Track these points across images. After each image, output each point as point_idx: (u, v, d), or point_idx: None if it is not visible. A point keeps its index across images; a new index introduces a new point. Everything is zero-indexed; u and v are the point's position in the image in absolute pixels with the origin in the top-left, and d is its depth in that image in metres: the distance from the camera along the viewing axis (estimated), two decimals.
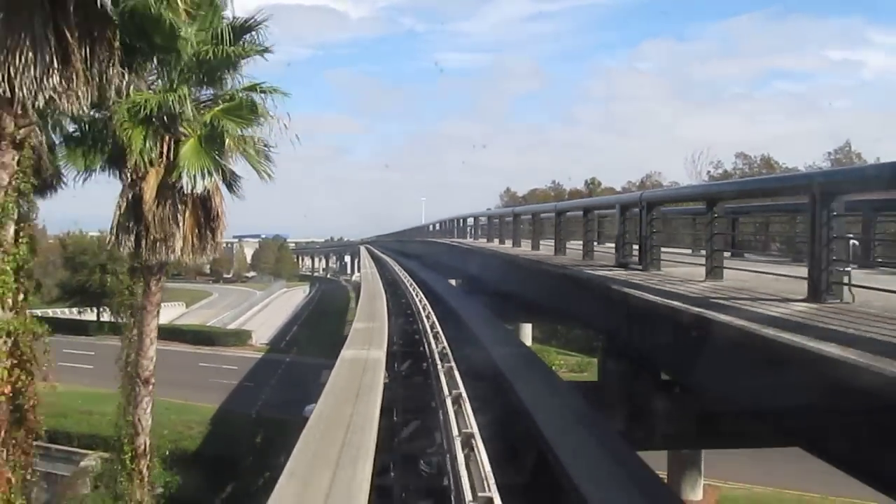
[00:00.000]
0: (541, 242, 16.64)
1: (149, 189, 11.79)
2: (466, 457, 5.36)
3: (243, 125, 12.40)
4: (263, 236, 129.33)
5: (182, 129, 12.13)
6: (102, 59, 7.83)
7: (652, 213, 9.95)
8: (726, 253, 11.66)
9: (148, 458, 13.27)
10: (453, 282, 26.69)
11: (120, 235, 12.24)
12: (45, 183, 11.71)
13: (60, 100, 7.39)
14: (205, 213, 12.69)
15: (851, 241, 6.19)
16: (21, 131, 7.51)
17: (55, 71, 7.33)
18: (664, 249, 12.46)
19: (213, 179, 12.28)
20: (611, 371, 10.30)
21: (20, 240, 7.69)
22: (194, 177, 11.88)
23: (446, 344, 10.18)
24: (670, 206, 13.73)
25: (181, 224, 12.13)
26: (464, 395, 6.96)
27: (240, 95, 12.47)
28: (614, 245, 11.51)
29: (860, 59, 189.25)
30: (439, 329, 11.64)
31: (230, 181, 13.36)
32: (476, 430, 5.81)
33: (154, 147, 11.85)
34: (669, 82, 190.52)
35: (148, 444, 13.28)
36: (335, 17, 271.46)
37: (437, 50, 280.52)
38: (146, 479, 13.20)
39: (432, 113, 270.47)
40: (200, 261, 13.25)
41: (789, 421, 5.80)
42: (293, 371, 36.26)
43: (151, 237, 11.91)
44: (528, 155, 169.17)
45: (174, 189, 12.00)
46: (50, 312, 44.81)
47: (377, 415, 6.75)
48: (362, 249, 59.29)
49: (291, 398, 24.23)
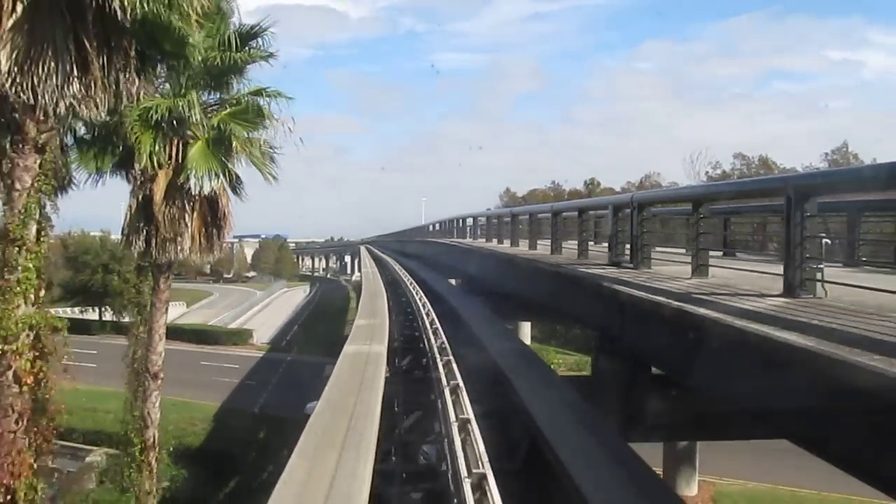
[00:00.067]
0: (538, 242, 16.90)
1: (158, 190, 12.16)
2: (463, 440, 5.76)
3: (249, 128, 12.74)
4: (264, 236, 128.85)
5: (190, 132, 12.50)
6: (119, 67, 8.21)
7: (642, 214, 10.32)
8: (719, 252, 12.12)
9: (157, 451, 13.68)
10: (453, 281, 26.92)
11: (131, 235, 12.63)
12: (59, 184, 12.06)
13: (80, 106, 7.80)
14: (212, 213, 13.04)
15: (824, 240, 6.53)
16: (43, 136, 7.92)
17: (75, 79, 7.71)
18: (659, 249, 12.86)
19: (220, 181, 12.65)
20: (603, 366, 10.58)
21: (41, 239, 8.10)
22: (202, 178, 12.30)
23: (445, 339, 10.57)
24: (662, 207, 14.07)
25: (190, 224, 12.51)
26: (461, 386, 7.37)
27: (246, 100, 12.82)
28: (607, 244, 11.90)
29: (860, 60, 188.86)
30: (438, 326, 12.02)
31: (234, 183, 13.73)
32: (472, 416, 6.22)
33: (163, 150, 12.21)
34: (669, 82, 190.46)
35: (156, 437, 13.67)
36: (335, 18, 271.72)
37: (437, 50, 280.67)
38: (155, 471, 13.58)
39: (432, 113, 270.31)
40: (208, 259, 13.62)
41: (764, 410, 6.15)
42: (294, 370, 36.40)
43: (161, 236, 12.28)
44: (528, 155, 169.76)
45: (183, 190, 12.37)
46: (52, 312, 44.97)
47: (379, 404, 7.16)
48: (362, 249, 59.50)
49: (292, 396, 24.52)
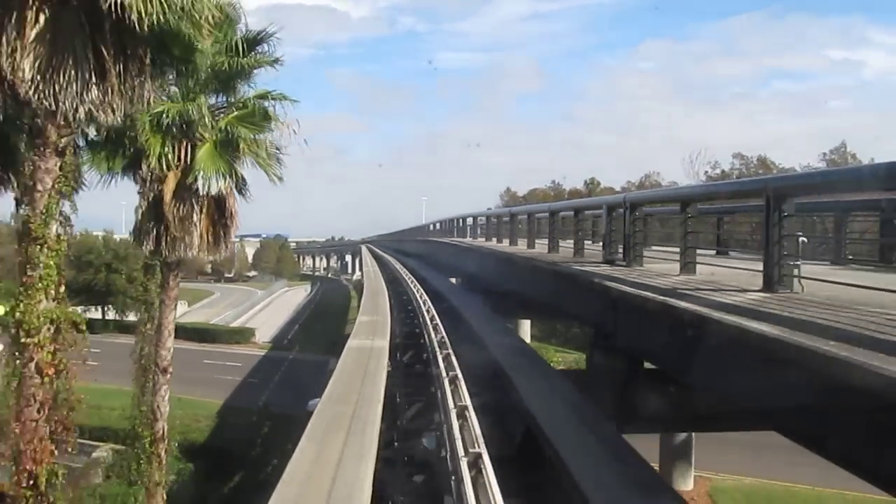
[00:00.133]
0: (536, 241, 17.29)
1: (168, 191, 12.60)
2: (461, 426, 6.17)
3: (256, 131, 13.14)
4: (265, 236, 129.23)
5: (198, 135, 12.91)
6: (134, 74, 8.65)
7: (634, 214, 10.74)
8: (713, 251, 12.50)
9: (166, 443, 14.11)
10: (454, 280, 27.28)
11: (142, 234, 13.08)
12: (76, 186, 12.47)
13: (98, 112, 8.22)
14: (219, 213, 13.44)
15: (801, 239, 6.93)
16: (63, 140, 8.35)
17: (93, 85, 8.12)
18: (654, 247, 13.27)
19: (227, 182, 13.06)
20: (598, 360, 11.02)
21: (62, 237, 8.53)
22: (210, 179, 12.71)
23: (445, 334, 10.99)
24: (654, 207, 14.44)
25: (198, 223, 12.92)
26: (459, 376, 7.78)
27: (252, 103, 13.23)
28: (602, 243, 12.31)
29: (860, 59, 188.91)
30: (439, 322, 12.44)
31: (240, 184, 14.13)
32: (469, 403, 6.63)
33: (172, 152, 12.63)
34: (669, 82, 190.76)
35: (165, 430, 14.10)
36: (336, 17, 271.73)
37: (438, 49, 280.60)
38: (164, 462, 14.01)
39: (433, 113, 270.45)
40: (215, 257, 14.04)
41: (743, 398, 6.53)
42: (296, 368, 36.88)
43: (171, 235, 12.71)
44: (529, 154, 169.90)
45: (191, 190, 12.78)
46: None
47: (382, 392, 7.60)
48: (364, 249, 59.88)
49: (294, 394, 24.93)
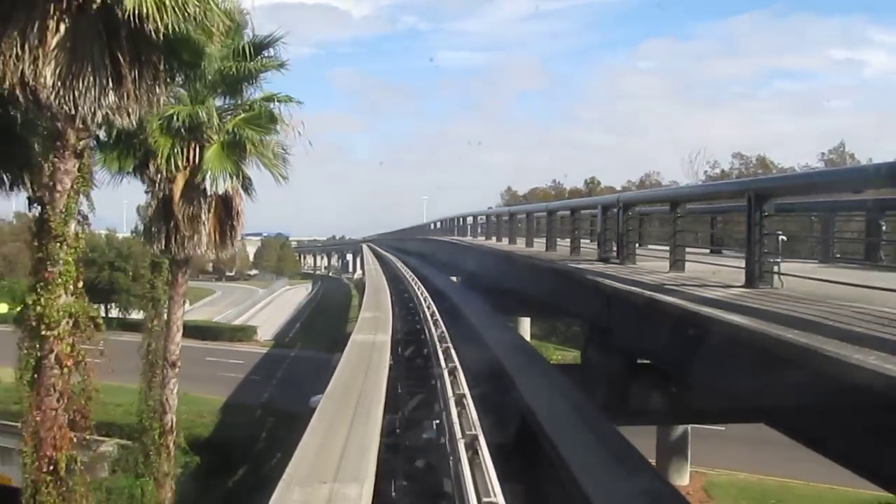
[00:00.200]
0: (535, 240, 17.67)
1: (177, 190, 13.03)
2: (459, 413, 6.58)
3: (262, 133, 13.56)
4: (266, 234, 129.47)
5: (206, 136, 13.33)
6: (149, 79, 9.06)
7: (628, 213, 11.15)
8: (706, 249, 12.90)
9: (174, 435, 14.54)
10: (454, 278, 27.66)
11: (152, 232, 13.51)
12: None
13: (114, 115, 8.64)
14: (226, 212, 13.89)
15: (780, 237, 7.31)
16: (81, 143, 8.76)
17: (111, 91, 8.52)
18: (650, 246, 13.64)
19: (234, 182, 13.48)
20: (592, 355, 11.43)
21: (80, 235, 8.94)
22: (217, 179, 13.16)
23: (444, 329, 11.38)
24: (647, 207, 14.82)
25: (206, 222, 13.37)
26: (458, 368, 8.18)
27: (258, 105, 13.66)
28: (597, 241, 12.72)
29: (862, 59, 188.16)
30: (439, 317, 12.84)
31: (246, 184, 14.56)
32: (467, 392, 7.03)
33: (181, 153, 13.04)
34: (670, 81, 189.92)
35: (174, 422, 14.54)
36: (337, 16, 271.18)
37: (440, 48, 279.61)
38: (173, 453, 14.45)
39: (434, 111, 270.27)
40: (222, 255, 14.48)
41: (727, 388, 6.92)
42: (297, 365, 37.26)
43: (181, 233, 13.15)
44: (530, 153, 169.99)
45: (199, 190, 13.21)
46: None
47: (384, 383, 8.03)
48: (365, 247, 60.31)
49: (296, 391, 25.31)
